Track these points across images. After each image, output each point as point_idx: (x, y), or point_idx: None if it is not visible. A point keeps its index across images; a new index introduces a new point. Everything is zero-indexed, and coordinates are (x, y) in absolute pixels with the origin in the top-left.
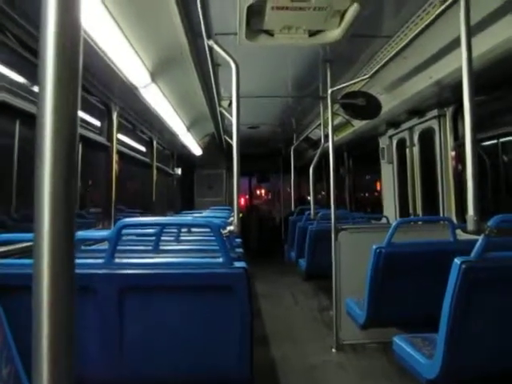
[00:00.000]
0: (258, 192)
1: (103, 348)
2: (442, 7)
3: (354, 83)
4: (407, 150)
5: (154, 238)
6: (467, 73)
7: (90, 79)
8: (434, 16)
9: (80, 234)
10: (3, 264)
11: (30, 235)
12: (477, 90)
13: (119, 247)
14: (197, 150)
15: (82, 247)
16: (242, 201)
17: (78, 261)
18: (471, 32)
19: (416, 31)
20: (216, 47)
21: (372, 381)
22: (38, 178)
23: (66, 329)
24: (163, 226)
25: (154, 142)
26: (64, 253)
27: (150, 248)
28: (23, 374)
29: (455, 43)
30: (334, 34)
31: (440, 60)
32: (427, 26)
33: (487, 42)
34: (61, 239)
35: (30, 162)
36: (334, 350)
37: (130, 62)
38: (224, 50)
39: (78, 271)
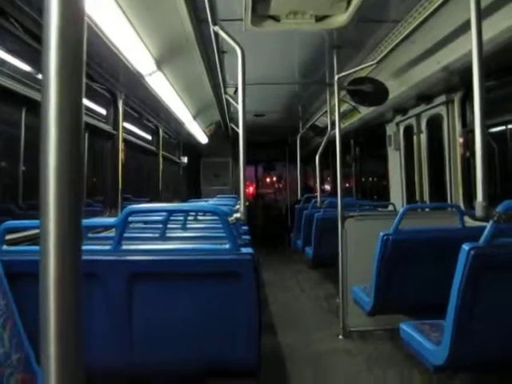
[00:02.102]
0: (269, 180)
1: (111, 334)
2: None
3: (361, 69)
4: (414, 137)
5: (160, 225)
6: (477, 57)
7: (96, 67)
8: None
9: (87, 221)
10: (13, 251)
11: (37, 222)
12: (486, 74)
13: (126, 235)
14: (203, 139)
15: (90, 235)
16: (251, 189)
17: (85, 247)
18: (481, 15)
19: (424, 15)
20: (221, 33)
21: (379, 367)
22: (43, 164)
23: (74, 315)
24: (170, 212)
25: (160, 131)
26: (71, 239)
27: (157, 235)
28: (33, 360)
29: (464, 27)
30: (341, 18)
31: (448, 44)
32: (436, 10)
33: (497, 26)
34: (67, 225)
35: (36, 150)
36: (340, 337)
37: (135, 50)
38: (230, 36)
39: (84, 258)
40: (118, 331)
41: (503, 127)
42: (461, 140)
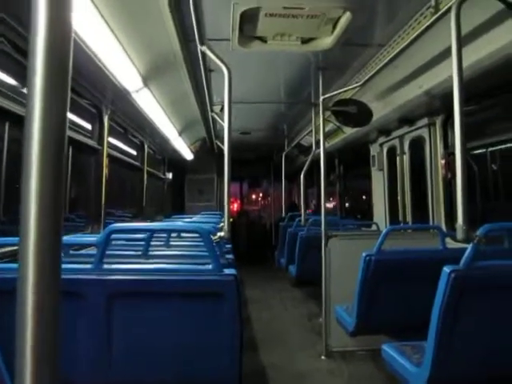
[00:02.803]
0: (254, 196)
1: (92, 353)
2: (434, 18)
3: (346, 91)
4: (398, 158)
5: (143, 242)
6: (457, 82)
7: (82, 82)
8: (425, 26)
9: (68, 238)
10: None
11: (16, 239)
12: (466, 99)
13: (108, 252)
14: (188, 155)
15: (71, 252)
16: (235, 206)
17: (66, 266)
18: (461, 42)
19: (407, 41)
20: (209, 53)
21: None
22: (25, 180)
23: (51, 335)
24: (153, 231)
25: (145, 146)
26: (50, 257)
27: (139, 253)
28: (8, 380)
29: (446, 53)
30: (327, 41)
31: (430, 69)
32: (418, 36)
33: (477, 52)
34: (47, 242)
35: (19, 164)
36: (323, 357)
37: (122, 66)
38: (216, 56)
39: (66, 276)
40: (98, 350)
41: (484, 150)
42: (442, 162)
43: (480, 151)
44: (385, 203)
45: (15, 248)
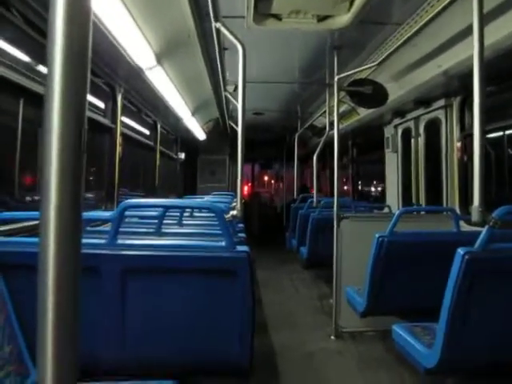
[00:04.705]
0: (266, 178)
1: (105, 328)
2: None
3: (362, 70)
4: (412, 140)
5: (156, 220)
6: (478, 62)
7: (95, 60)
8: (445, 3)
9: (83, 214)
10: (7, 242)
11: (34, 213)
12: (486, 80)
13: (122, 229)
14: (201, 135)
15: (85, 228)
16: (246, 189)
17: None
18: (483, 20)
19: (426, 19)
20: (223, 30)
21: (370, 369)
22: (45, 157)
23: (72, 308)
24: (166, 207)
25: (158, 126)
26: (71, 231)
27: (152, 231)
28: (25, 352)
29: (466, 32)
30: (343, 19)
31: (449, 49)
32: (438, 14)
33: (499, 31)
34: (68, 217)
35: (33, 141)
36: (333, 338)
37: (135, 43)
38: (231, 33)
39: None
40: (111, 325)
41: (501, 133)
42: (458, 144)
43: (497, 134)
44: (398, 185)
45: (34, 223)
